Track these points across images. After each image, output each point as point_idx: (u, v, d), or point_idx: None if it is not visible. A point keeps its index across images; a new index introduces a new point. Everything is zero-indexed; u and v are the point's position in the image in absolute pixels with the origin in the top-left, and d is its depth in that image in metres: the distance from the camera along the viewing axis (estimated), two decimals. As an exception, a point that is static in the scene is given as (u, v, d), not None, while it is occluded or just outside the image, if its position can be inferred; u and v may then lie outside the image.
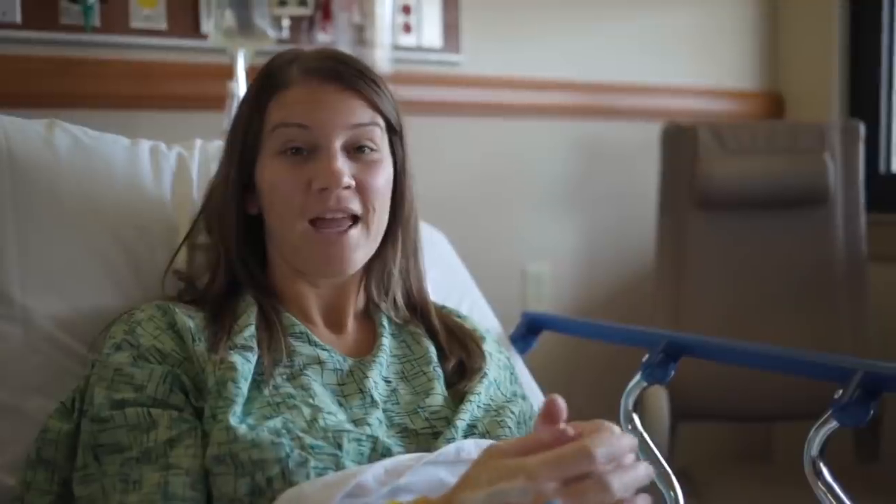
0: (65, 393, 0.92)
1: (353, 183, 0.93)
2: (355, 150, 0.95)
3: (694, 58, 2.26)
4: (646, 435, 1.20)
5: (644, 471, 0.67)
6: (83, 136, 1.10)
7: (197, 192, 1.13)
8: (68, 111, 1.27)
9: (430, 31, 1.86)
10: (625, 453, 0.67)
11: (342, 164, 0.92)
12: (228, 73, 1.51)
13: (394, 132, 0.99)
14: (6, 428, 0.93)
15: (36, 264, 1.01)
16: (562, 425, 0.68)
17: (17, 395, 0.95)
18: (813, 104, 2.29)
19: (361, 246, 0.95)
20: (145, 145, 1.15)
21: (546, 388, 1.32)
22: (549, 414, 0.69)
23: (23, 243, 1.00)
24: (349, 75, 0.95)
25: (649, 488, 0.70)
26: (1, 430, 0.93)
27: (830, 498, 1.02)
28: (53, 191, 1.04)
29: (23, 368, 0.96)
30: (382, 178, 0.96)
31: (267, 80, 0.97)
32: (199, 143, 1.20)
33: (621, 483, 0.65)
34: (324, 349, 0.95)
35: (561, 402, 0.69)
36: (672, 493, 1.15)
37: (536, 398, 1.26)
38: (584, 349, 1.87)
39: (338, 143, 0.93)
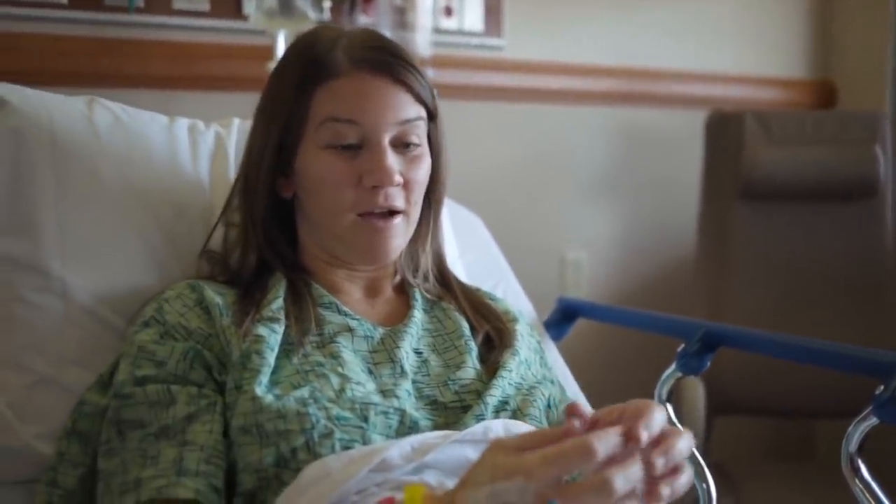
0: (103, 366, 0.93)
1: (402, 180, 0.94)
2: (401, 145, 0.95)
3: (741, 44, 2.21)
4: (679, 426, 1.18)
5: (686, 443, 0.65)
6: (122, 113, 1.11)
7: (233, 171, 1.13)
8: (108, 90, 1.28)
9: (472, 14, 1.85)
10: (657, 426, 0.64)
11: (392, 162, 0.93)
12: (268, 54, 1.52)
13: (432, 119, 0.99)
14: (45, 399, 0.95)
15: (75, 239, 1.02)
16: (575, 422, 0.65)
17: (55, 366, 0.96)
18: (866, 93, 2.22)
19: (402, 234, 0.97)
20: (183, 123, 1.16)
21: (579, 375, 1.31)
22: (572, 415, 0.67)
23: (62, 218, 1.01)
24: (398, 67, 0.94)
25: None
26: (40, 400, 0.95)
27: (868, 496, 0.99)
28: (93, 167, 1.05)
29: (61, 341, 0.98)
30: (424, 172, 0.97)
31: (313, 66, 0.94)
32: (236, 121, 1.20)
33: (625, 479, 0.59)
34: (354, 318, 0.95)
35: (581, 407, 0.67)
36: (705, 486, 1.13)
37: (570, 386, 1.24)
38: (620, 338, 1.85)
39: (387, 139, 0.93)
